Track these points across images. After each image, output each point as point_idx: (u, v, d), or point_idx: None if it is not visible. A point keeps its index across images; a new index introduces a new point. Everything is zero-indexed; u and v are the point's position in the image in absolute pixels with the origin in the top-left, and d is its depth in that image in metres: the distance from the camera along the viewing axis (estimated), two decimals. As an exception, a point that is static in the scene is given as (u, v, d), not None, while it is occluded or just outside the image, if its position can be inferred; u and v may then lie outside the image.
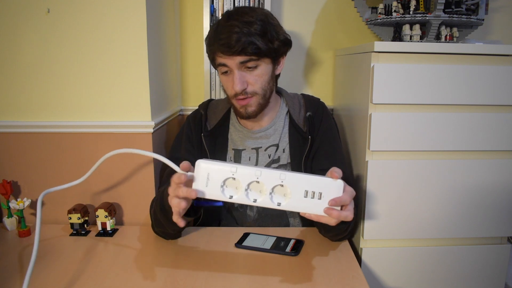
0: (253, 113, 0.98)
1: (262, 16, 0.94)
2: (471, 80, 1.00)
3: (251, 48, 0.90)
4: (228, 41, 0.89)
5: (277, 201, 0.70)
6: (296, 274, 0.82)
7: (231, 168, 0.69)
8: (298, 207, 0.70)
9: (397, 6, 1.17)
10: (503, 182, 1.06)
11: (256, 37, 0.90)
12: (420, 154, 1.04)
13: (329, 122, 1.07)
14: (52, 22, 1.00)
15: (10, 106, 1.05)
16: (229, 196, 0.70)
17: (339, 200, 0.69)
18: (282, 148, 1.06)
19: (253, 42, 0.89)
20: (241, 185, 0.69)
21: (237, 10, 0.95)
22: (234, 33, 0.88)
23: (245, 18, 0.91)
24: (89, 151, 1.06)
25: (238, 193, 0.70)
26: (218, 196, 0.70)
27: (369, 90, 1.01)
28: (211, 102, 1.13)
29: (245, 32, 0.89)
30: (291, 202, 0.70)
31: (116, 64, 1.03)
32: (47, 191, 0.77)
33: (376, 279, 1.10)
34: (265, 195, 0.70)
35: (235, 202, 0.70)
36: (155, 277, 0.81)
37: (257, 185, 0.70)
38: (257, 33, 0.90)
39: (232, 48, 0.89)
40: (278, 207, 0.70)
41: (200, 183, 0.70)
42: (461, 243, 1.10)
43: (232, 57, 0.91)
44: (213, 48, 0.94)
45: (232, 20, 0.91)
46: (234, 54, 0.90)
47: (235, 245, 0.94)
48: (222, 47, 0.90)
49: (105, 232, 1.02)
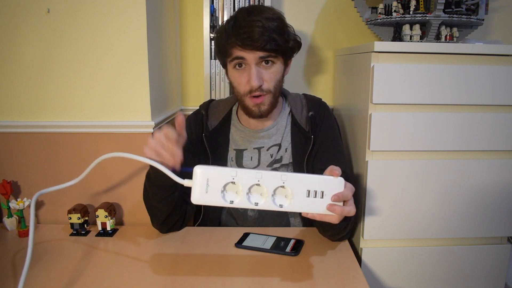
0: (265, 111, 0.99)
1: (279, 15, 0.96)
2: (471, 80, 1.00)
3: (272, 44, 0.91)
4: (251, 35, 0.89)
5: (279, 203, 0.69)
6: (296, 274, 0.82)
7: (230, 172, 0.67)
8: (301, 208, 0.69)
9: (397, 6, 1.17)
10: (503, 182, 1.06)
11: (276, 34, 0.91)
12: (420, 154, 1.04)
13: (331, 122, 1.08)
14: (52, 22, 1.00)
15: (10, 106, 1.05)
16: (230, 201, 0.68)
17: (341, 195, 0.69)
18: (284, 147, 1.06)
19: (274, 38, 0.91)
20: (241, 189, 0.68)
21: (255, 7, 0.97)
22: (257, 27, 0.89)
23: (265, 14, 0.92)
24: (89, 151, 1.06)
25: (239, 197, 0.68)
26: (219, 202, 0.68)
27: (369, 90, 1.01)
28: (212, 102, 1.13)
29: (267, 28, 0.90)
30: (294, 203, 0.68)
31: (116, 64, 1.03)
32: (41, 192, 0.76)
33: (376, 279, 1.10)
34: (267, 197, 0.68)
35: (237, 206, 0.69)
36: (155, 277, 0.81)
37: (258, 188, 0.68)
38: (276, 30, 0.92)
39: (256, 42, 0.90)
40: (281, 209, 0.68)
41: (199, 190, 0.67)
42: (461, 243, 1.10)
43: (253, 52, 0.91)
44: (231, 41, 0.93)
45: (253, 15, 0.92)
46: (255, 48, 0.91)
47: (235, 245, 0.94)
48: (244, 40, 0.90)
49: (105, 232, 1.01)
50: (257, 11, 0.93)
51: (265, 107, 0.98)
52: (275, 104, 1.01)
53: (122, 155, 0.73)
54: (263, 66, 0.95)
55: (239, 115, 1.09)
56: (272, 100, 0.98)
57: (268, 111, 0.99)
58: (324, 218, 0.72)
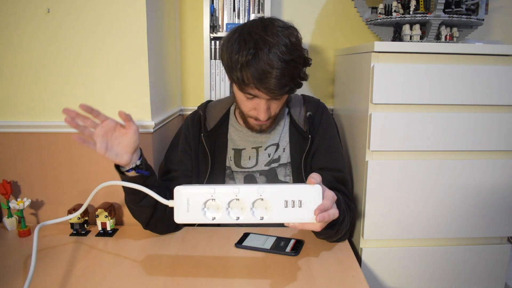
0: (266, 129, 1.02)
1: (296, 45, 0.90)
2: (471, 80, 1.00)
3: (286, 89, 0.90)
4: (268, 86, 0.87)
5: (260, 216, 0.70)
6: (296, 274, 0.82)
7: (209, 190, 0.70)
8: (280, 218, 0.70)
9: (397, 6, 1.17)
10: (503, 182, 1.06)
11: (291, 78, 0.89)
12: (420, 154, 1.04)
13: (329, 122, 1.08)
14: (52, 22, 1.00)
15: (10, 106, 1.05)
16: (212, 218, 0.70)
17: (322, 208, 0.69)
18: (282, 147, 1.06)
19: (289, 85, 0.89)
20: (221, 205, 0.70)
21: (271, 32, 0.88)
22: (274, 78, 0.86)
23: (282, 54, 0.86)
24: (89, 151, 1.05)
25: (220, 213, 0.70)
26: (201, 219, 0.70)
27: (369, 90, 1.01)
28: (210, 103, 1.14)
29: (284, 75, 0.87)
30: (273, 214, 0.69)
31: (116, 64, 1.03)
32: (43, 224, 0.83)
33: (376, 279, 1.10)
34: (247, 211, 0.70)
35: (219, 222, 0.70)
36: (155, 277, 0.81)
37: (237, 202, 0.70)
38: (292, 73, 0.89)
39: (272, 93, 0.88)
40: (261, 221, 0.70)
41: (181, 209, 0.70)
42: (461, 243, 1.10)
43: (267, 94, 0.90)
44: (247, 77, 0.87)
45: (271, 53, 0.85)
46: (270, 95, 0.89)
47: (235, 245, 0.94)
48: (262, 88, 0.88)
49: (105, 232, 1.02)
50: (274, 42, 0.86)
51: (267, 125, 1.01)
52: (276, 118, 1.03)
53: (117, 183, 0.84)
54: (273, 100, 0.95)
55: (237, 115, 1.09)
56: (274, 120, 1.02)
57: (269, 127, 1.03)
58: (305, 226, 0.71)
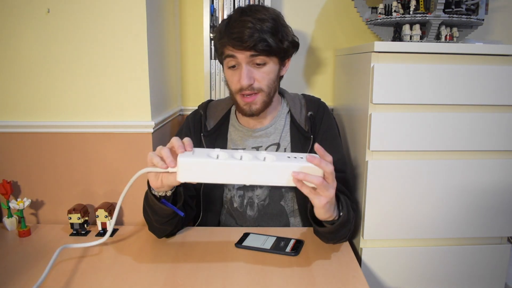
0: (257, 111, 0.99)
1: (274, 15, 0.96)
2: (471, 80, 1.00)
3: (262, 44, 0.91)
4: (240, 36, 0.90)
5: (263, 156, 0.74)
6: (296, 274, 0.82)
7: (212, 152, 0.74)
8: (283, 164, 0.73)
9: (397, 6, 1.17)
10: (503, 182, 1.06)
11: (268, 34, 0.91)
12: (420, 154, 1.04)
13: (330, 122, 1.08)
14: (52, 22, 1.00)
15: (10, 106, 1.05)
16: (216, 156, 0.72)
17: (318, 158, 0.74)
18: (283, 147, 1.06)
19: (264, 39, 0.91)
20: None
21: (250, 7, 0.97)
22: (247, 28, 0.90)
23: (258, 15, 0.92)
24: (89, 151, 1.06)
25: (223, 154, 0.73)
26: (205, 161, 0.72)
27: (369, 90, 1.01)
28: (211, 102, 1.14)
29: (257, 28, 0.90)
30: (276, 159, 0.73)
31: (116, 64, 1.03)
32: (64, 247, 0.87)
33: (376, 279, 1.10)
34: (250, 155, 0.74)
35: (222, 161, 0.72)
36: (155, 277, 0.81)
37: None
38: (269, 30, 0.92)
39: (245, 42, 0.90)
40: (264, 163, 0.72)
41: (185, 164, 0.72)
42: (461, 243, 1.10)
43: (243, 51, 0.92)
44: (223, 41, 0.94)
45: (245, 15, 0.92)
46: (245, 49, 0.91)
47: (235, 245, 0.94)
48: (234, 40, 0.91)
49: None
50: (251, 11, 0.94)
51: (256, 106, 0.98)
52: (269, 103, 1.01)
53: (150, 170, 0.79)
54: (255, 66, 0.95)
55: (238, 114, 1.09)
56: (265, 99, 0.98)
57: (260, 110, 0.99)
58: (308, 178, 0.73)
